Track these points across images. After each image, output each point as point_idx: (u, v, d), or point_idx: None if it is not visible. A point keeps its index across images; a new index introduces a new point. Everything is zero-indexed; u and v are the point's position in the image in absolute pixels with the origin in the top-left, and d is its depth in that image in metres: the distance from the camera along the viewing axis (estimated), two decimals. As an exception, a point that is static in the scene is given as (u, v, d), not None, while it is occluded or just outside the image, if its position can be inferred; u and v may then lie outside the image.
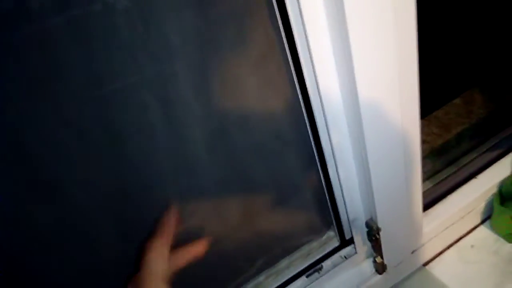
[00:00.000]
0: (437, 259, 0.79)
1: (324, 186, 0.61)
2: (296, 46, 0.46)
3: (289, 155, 0.57)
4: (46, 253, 0.48)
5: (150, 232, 0.47)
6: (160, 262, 0.45)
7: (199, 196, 0.54)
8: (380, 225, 0.63)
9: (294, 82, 0.49)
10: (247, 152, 0.54)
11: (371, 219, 0.64)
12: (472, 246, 0.80)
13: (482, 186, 0.79)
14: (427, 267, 0.78)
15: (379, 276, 0.72)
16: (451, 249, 0.80)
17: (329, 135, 0.54)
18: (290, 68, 0.48)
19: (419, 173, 0.63)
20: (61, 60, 0.38)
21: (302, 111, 0.52)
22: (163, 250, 0.46)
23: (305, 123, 0.53)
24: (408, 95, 0.53)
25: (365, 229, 0.66)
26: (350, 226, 0.67)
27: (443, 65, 1.15)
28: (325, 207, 0.65)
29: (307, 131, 0.54)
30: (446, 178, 0.81)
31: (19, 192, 0.43)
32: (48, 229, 0.47)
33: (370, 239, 0.67)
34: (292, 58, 0.47)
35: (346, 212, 0.64)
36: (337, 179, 0.59)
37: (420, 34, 0.48)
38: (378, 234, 0.63)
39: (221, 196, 0.56)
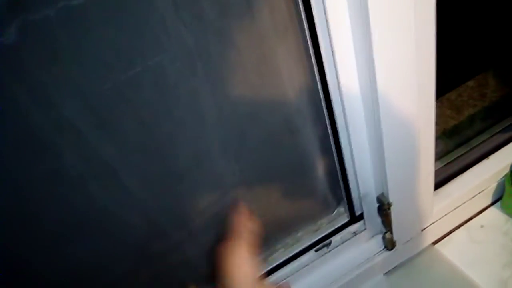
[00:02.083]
0: (447, 238, 0.79)
1: (336, 162, 0.61)
2: (314, 19, 0.45)
3: (302, 131, 0.57)
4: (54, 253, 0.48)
5: (221, 235, 0.44)
6: (245, 268, 0.42)
7: (220, 174, 0.54)
8: (391, 201, 0.63)
9: (311, 58, 0.49)
10: (261, 130, 0.54)
11: (382, 194, 0.64)
12: (482, 226, 0.80)
13: (494, 167, 0.78)
14: (436, 245, 0.78)
15: (388, 253, 0.72)
16: (461, 228, 0.80)
17: (344, 111, 0.54)
18: (308, 45, 0.48)
19: (431, 151, 0.62)
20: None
21: (318, 88, 0.52)
22: (244, 254, 0.43)
23: (320, 99, 0.53)
24: (425, 76, 0.52)
25: (376, 204, 0.66)
26: (360, 202, 0.67)
27: (457, 47, 1.14)
28: (336, 183, 0.65)
29: (322, 107, 0.54)
30: (457, 158, 0.81)
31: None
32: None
33: (380, 215, 0.67)
34: (310, 32, 0.46)
35: (357, 188, 0.64)
36: (350, 154, 0.59)
37: (436, 16, 0.48)
38: (389, 209, 0.64)
39: (238, 176, 0.56)
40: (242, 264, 0.43)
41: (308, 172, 0.63)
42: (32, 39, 0.35)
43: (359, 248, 0.73)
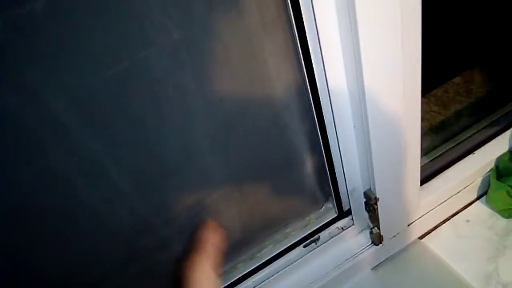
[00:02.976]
0: (433, 232, 0.80)
1: (324, 157, 0.62)
2: (302, 14, 0.45)
3: (290, 127, 0.57)
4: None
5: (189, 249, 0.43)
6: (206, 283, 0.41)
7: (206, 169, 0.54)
8: (378, 196, 0.63)
9: (298, 53, 0.49)
10: (249, 125, 0.54)
11: (369, 189, 0.64)
12: (467, 220, 0.81)
13: (480, 162, 0.79)
14: (422, 240, 0.79)
15: (375, 247, 0.72)
16: (447, 223, 0.81)
17: (331, 107, 0.54)
18: (295, 40, 0.48)
19: (418, 147, 0.63)
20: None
21: (306, 83, 0.52)
22: (207, 269, 0.41)
23: (308, 94, 0.53)
24: (411, 72, 0.53)
25: (363, 200, 0.66)
26: (348, 197, 0.67)
27: (443, 44, 1.15)
28: (324, 178, 0.66)
29: (310, 103, 0.54)
30: (443, 153, 0.82)
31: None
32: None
33: (367, 210, 0.67)
34: (298, 27, 0.47)
35: (345, 183, 0.64)
36: (337, 150, 0.60)
37: (422, 13, 0.48)
38: (376, 204, 0.64)
39: (226, 171, 0.56)
40: (203, 281, 0.42)
41: (296, 168, 0.63)
42: (17, 34, 0.34)
43: (347, 243, 0.73)
